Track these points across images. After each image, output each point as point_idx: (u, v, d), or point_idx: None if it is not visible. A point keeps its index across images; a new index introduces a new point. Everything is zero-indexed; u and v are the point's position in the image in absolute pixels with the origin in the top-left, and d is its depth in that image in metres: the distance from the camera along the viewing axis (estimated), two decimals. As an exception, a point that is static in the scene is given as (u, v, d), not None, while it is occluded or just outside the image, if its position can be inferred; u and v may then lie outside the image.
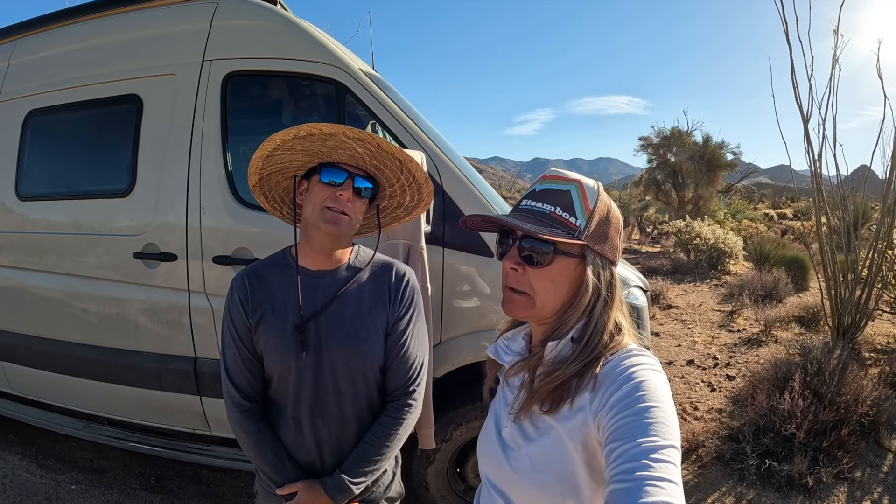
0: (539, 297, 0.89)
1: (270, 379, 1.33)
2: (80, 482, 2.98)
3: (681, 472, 0.69)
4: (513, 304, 0.91)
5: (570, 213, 0.87)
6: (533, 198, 0.91)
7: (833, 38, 4.22)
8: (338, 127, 1.18)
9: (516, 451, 0.90)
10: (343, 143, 1.20)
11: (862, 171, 5.15)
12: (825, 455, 3.07)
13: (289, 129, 1.20)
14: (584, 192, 0.89)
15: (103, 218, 2.64)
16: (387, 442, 1.33)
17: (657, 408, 0.74)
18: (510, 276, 0.91)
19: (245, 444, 1.33)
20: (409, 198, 1.39)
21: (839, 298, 4.48)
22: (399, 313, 1.36)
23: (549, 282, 0.89)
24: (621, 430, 0.73)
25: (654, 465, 0.67)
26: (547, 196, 0.90)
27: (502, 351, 1.02)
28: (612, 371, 0.83)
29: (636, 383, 0.78)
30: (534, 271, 0.89)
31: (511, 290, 0.91)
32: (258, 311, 1.30)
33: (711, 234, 10.17)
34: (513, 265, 0.90)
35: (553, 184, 0.91)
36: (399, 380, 1.37)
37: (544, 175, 0.94)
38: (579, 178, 0.91)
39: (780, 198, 37.32)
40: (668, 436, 0.71)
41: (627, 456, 0.69)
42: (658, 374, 0.81)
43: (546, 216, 0.88)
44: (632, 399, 0.76)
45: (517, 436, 0.91)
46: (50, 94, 2.80)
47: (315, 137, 1.20)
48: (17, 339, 2.91)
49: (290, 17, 2.51)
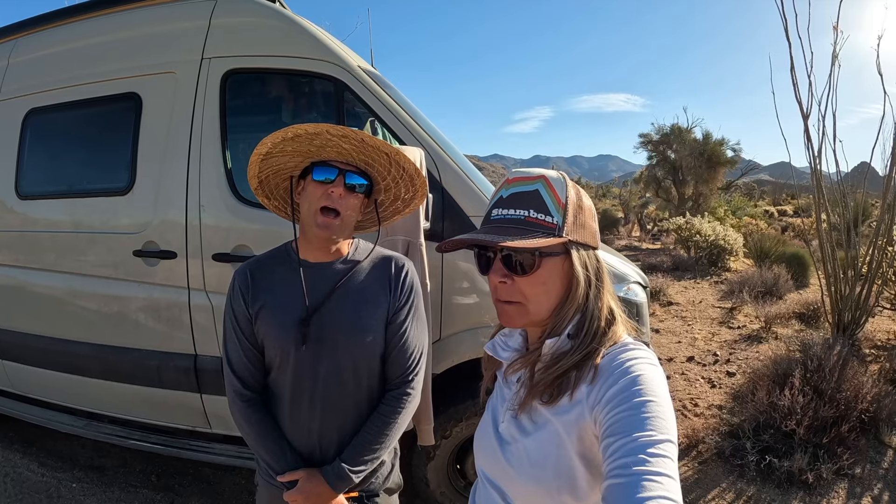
0: (532, 303, 0.88)
1: (270, 368, 1.35)
2: (82, 480, 2.99)
3: (678, 467, 0.69)
4: (508, 316, 0.90)
5: (545, 213, 0.86)
6: (502, 205, 0.88)
7: (833, 34, 4.21)
8: (321, 126, 1.19)
9: (513, 446, 0.90)
10: (329, 141, 1.23)
11: (862, 167, 5.15)
12: (825, 451, 3.06)
13: (277, 132, 1.22)
14: (553, 187, 0.87)
15: (103, 216, 2.64)
16: (386, 431, 1.35)
17: (654, 402, 0.74)
18: (499, 289, 0.89)
19: (246, 433, 1.34)
20: (403, 190, 1.40)
21: (839, 295, 4.48)
22: (399, 303, 1.38)
23: (540, 286, 0.87)
24: (618, 425, 0.73)
25: (651, 459, 0.67)
26: (516, 200, 0.87)
27: (500, 348, 1.01)
28: (608, 365, 0.82)
29: (633, 377, 0.77)
30: (523, 280, 0.87)
31: (503, 302, 0.90)
32: (258, 301, 1.32)
33: (712, 231, 10.16)
34: (500, 279, 0.88)
35: (518, 186, 0.88)
36: (398, 368, 1.39)
37: (507, 179, 0.91)
38: (543, 173, 0.88)
39: (780, 194, 37.31)
40: (664, 430, 0.71)
41: (624, 451, 0.69)
42: (655, 368, 0.81)
43: (521, 222, 0.85)
44: (629, 393, 0.75)
45: (514, 430, 0.91)
46: (49, 92, 2.81)
47: (302, 138, 1.22)
48: (17, 338, 2.92)
49: (289, 15, 2.51)
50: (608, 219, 18.70)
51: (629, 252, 12.85)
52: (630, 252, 12.89)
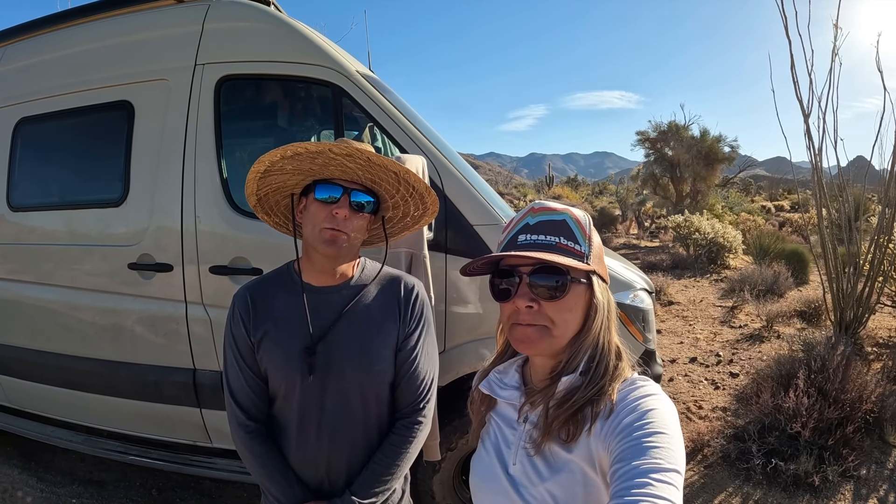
0: (559, 327, 0.87)
1: (275, 397, 1.30)
2: (81, 495, 2.94)
3: (682, 498, 0.69)
4: (529, 340, 0.88)
5: (574, 241, 0.88)
6: (530, 231, 0.90)
7: (833, 31, 4.19)
8: (324, 144, 1.14)
9: (532, 489, 0.87)
10: (332, 160, 1.17)
11: (858, 162, 5.14)
12: (831, 453, 3.05)
13: (276, 150, 1.16)
14: (578, 219, 0.90)
15: (97, 228, 2.59)
16: (397, 461, 1.30)
17: (665, 434, 0.75)
18: (524, 312, 0.88)
19: (251, 465, 1.29)
20: (413, 208, 1.34)
21: (841, 293, 4.46)
22: (409, 328, 1.33)
23: (567, 312, 0.87)
24: (627, 452, 0.74)
25: (656, 484, 0.68)
26: (544, 228, 0.89)
27: (496, 385, 0.99)
28: (620, 401, 0.83)
29: (644, 411, 0.79)
30: (550, 305, 0.87)
31: (524, 326, 0.88)
32: (261, 329, 1.26)
33: (710, 229, 10.15)
34: (528, 303, 0.87)
35: (546, 215, 0.91)
36: (409, 397, 1.33)
37: (532, 208, 0.93)
38: (567, 207, 0.92)
39: (777, 189, 37.36)
40: (672, 461, 0.72)
41: (631, 474, 0.70)
42: (666, 403, 0.82)
43: (552, 247, 0.87)
44: (640, 425, 0.77)
45: (531, 473, 0.88)
46: (40, 101, 2.75)
47: (302, 156, 1.17)
48: (13, 353, 2.86)
49: (284, 19, 2.46)
50: (606, 216, 18.69)
51: (628, 250, 12.83)
52: (629, 250, 12.87)
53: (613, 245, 13.38)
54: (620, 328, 2.36)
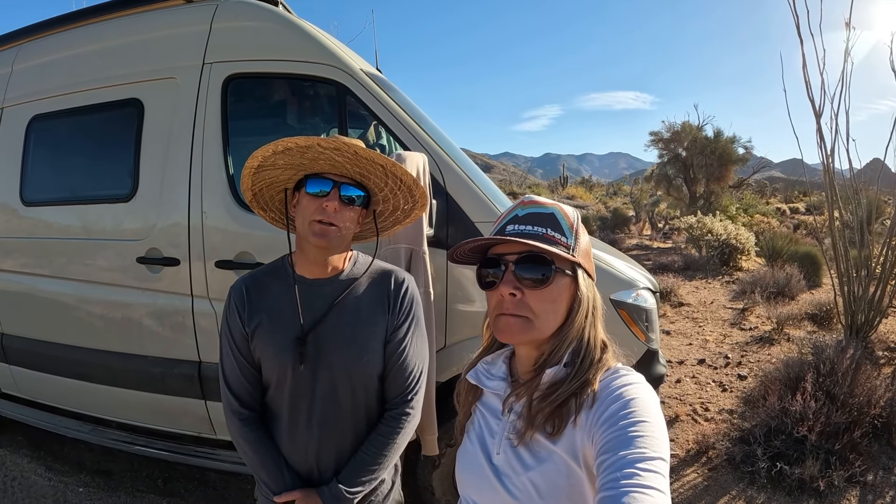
0: (541, 318, 0.89)
1: (268, 386, 1.33)
2: (88, 485, 3.00)
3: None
4: (511, 330, 0.90)
5: (560, 234, 0.90)
6: (518, 222, 0.92)
7: (845, 30, 4.13)
8: (313, 139, 1.17)
9: (515, 479, 0.88)
10: (321, 154, 1.20)
11: (874, 164, 5.06)
12: (837, 458, 3.00)
13: (267, 145, 1.20)
14: (566, 213, 0.93)
15: (106, 223, 2.64)
16: (384, 451, 1.33)
17: (647, 423, 0.76)
18: (507, 301, 0.89)
19: (244, 452, 1.33)
20: (402, 201, 1.37)
21: (853, 296, 4.40)
22: (398, 321, 1.35)
23: (549, 302, 0.89)
24: (612, 443, 0.75)
25: (643, 473, 0.69)
26: (533, 219, 0.91)
27: (483, 376, 1.01)
28: (603, 391, 0.85)
29: (627, 400, 0.80)
30: (534, 293, 0.88)
31: (507, 315, 0.90)
32: (255, 319, 1.29)
33: (723, 230, 10.03)
34: (511, 290, 0.88)
35: (535, 207, 0.93)
36: (397, 388, 1.36)
37: (522, 201, 0.96)
38: (556, 203, 0.95)
39: (792, 192, 36.85)
40: (657, 449, 0.73)
41: (617, 465, 0.71)
42: (648, 391, 0.83)
43: (540, 237, 0.89)
44: (623, 415, 0.78)
45: (514, 462, 0.90)
46: (52, 99, 2.81)
47: (293, 151, 1.20)
48: (25, 344, 2.93)
49: (291, 18, 2.49)
50: (619, 217, 18.56)
51: (640, 251, 12.73)
52: (641, 251, 12.77)
53: (626, 246, 13.27)
54: (623, 328, 2.36)
